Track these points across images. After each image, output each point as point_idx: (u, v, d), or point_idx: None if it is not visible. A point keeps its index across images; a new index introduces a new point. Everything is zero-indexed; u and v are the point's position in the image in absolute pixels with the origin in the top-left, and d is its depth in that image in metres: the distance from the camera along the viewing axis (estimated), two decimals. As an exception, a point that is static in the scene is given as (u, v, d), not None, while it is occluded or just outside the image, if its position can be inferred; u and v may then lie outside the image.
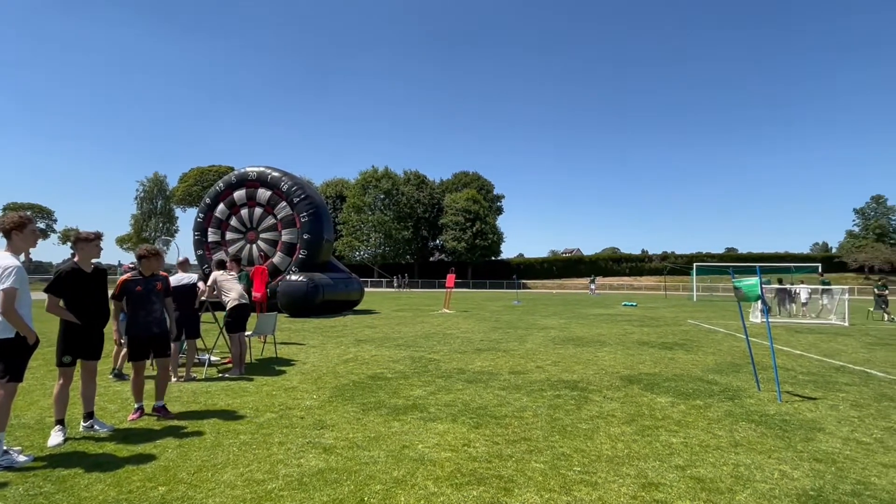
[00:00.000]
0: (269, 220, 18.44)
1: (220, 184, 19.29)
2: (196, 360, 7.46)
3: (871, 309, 20.26)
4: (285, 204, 18.08)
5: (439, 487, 3.25)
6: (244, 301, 7.19)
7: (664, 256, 68.35)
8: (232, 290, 7.15)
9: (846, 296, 17.03)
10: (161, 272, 5.30)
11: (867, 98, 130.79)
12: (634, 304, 27.31)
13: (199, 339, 7.35)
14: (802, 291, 19.01)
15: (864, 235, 65.50)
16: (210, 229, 19.09)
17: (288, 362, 7.93)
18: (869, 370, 7.73)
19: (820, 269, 26.72)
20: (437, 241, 69.93)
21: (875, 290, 19.77)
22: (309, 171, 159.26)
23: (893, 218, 66.12)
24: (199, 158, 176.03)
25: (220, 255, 18.10)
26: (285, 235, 18.03)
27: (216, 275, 7.26)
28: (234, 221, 18.89)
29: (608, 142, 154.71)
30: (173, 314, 6.45)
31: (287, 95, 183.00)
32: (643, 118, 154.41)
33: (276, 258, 17.91)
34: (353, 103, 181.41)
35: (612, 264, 70.13)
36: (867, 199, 68.65)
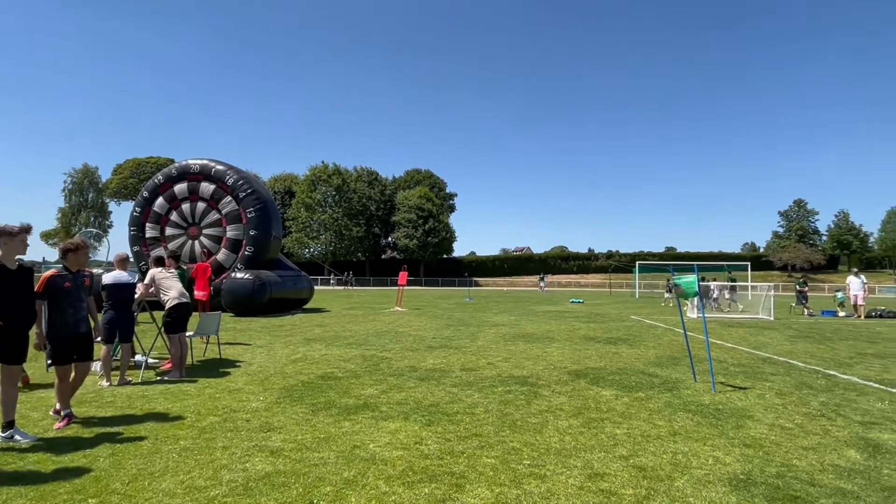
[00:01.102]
0: (213, 216, 17.67)
1: (160, 176, 18.30)
2: (132, 363, 7.04)
3: (794, 304, 21.87)
4: (231, 199, 17.38)
5: (391, 486, 3.22)
6: (184, 300, 6.84)
7: (609, 255, 71.08)
8: (171, 288, 6.79)
9: (771, 292, 18.32)
10: (88, 269, 4.97)
11: (791, 109, 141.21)
12: (581, 301, 28.22)
13: (137, 342, 6.95)
14: (714, 289, 20.95)
15: (788, 236, 70.74)
16: (148, 224, 18.07)
17: (233, 363, 7.63)
18: (791, 361, 8.35)
19: (727, 269, 28.91)
20: (390, 239, 69.48)
21: (797, 286, 21.36)
22: (256, 165, 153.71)
23: (813, 220, 71.79)
24: (134, 149, 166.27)
25: (158, 252, 17.16)
26: (230, 231, 17.34)
27: (154, 272, 6.85)
28: (174, 216, 17.96)
29: (558, 142, 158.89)
30: (106, 315, 6.09)
31: (233, 86, 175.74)
32: (591, 120, 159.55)
33: (221, 255, 17.19)
34: (303, 98, 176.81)
35: (560, 262, 72.20)
36: (790, 203, 74.26)
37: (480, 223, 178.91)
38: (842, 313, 19.10)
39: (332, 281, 56.18)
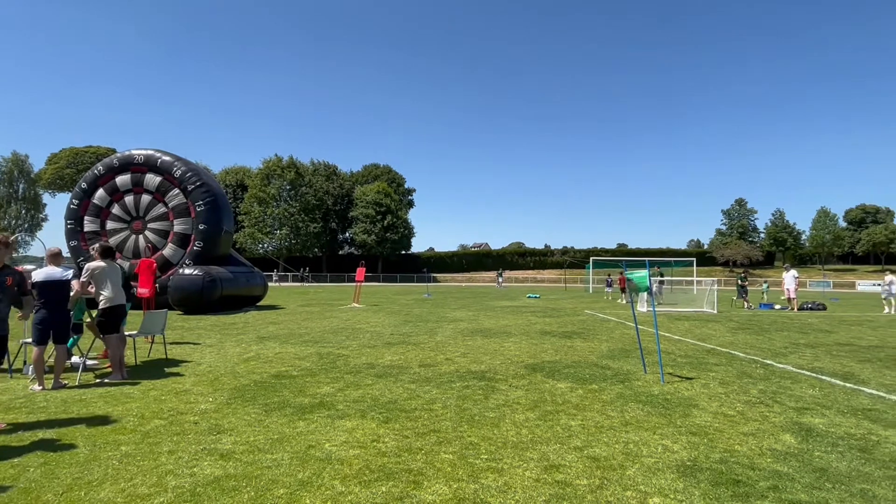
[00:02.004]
0: (159, 209, 16.83)
1: (100, 167, 17.24)
2: (68, 365, 6.60)
3: (735, 298, 23.12)
4: (178, 191, 16.60)
5: (347, 486, 3.16)
6: (120, 301, 6.45)
7: (565, 251, 72.84)
8: (107, 286, 6.37)
9: (715, 287, 19.29)
10: (20, 267, 4.62)
11: (733, 111, 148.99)
12: (538, 296, 28.78)
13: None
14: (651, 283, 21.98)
15: (730, 234, 74.67)
16: (87, 218, 17.01)
17: (180, 363, 7.29)
18: (733, 351, 8.80)
19: (656, 266, 30.54)
20: (347, 234, 68.44)
21: (738, 281, 22.60)
22: (205, 157, 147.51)
23: (752, 218, 76.05)
24: (71, 138, 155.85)
25: (102, 243, 16.21)
26: (178, 225, 16.57)
27: (91, 267, 6.40)
28: (116, 209, 16.99)
29: (514, 141, 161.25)
30: (38, 314, 5.66)
31: (181, 72, 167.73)
32: (548, 118, 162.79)
33: (167, 250, 16.41)
34: (256, 87, 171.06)
35: (517, 258, 73.37)
36: (732, 202, 78.36)
37: (439, 219, 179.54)
38: (777, 306, 20.34)
39: (289, 277, 54.82)
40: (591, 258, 42.89)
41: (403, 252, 66.23)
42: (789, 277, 19.71)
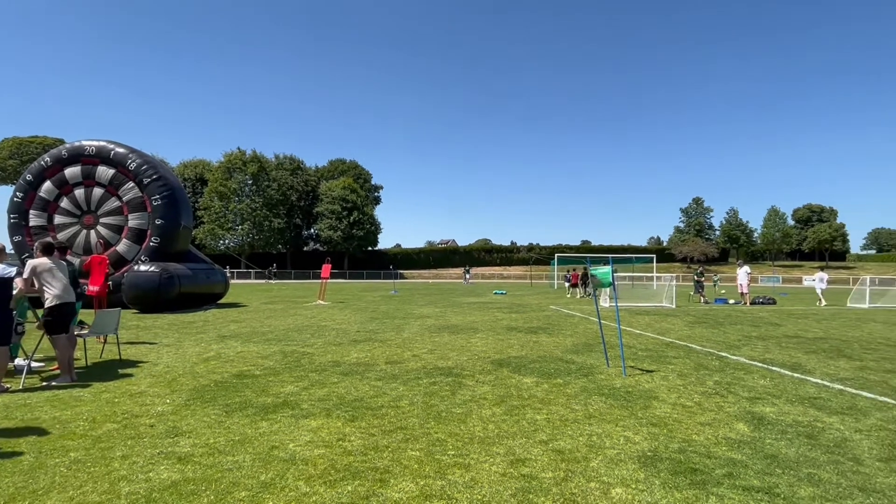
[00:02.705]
0: (113, 203, 16.08)
1: (47, 158, 16.32)
2: (11, 368, 6.22)
3: (692, 293, 23.97)
4: (133, 184, 15.90)
5: (311, 487, 3.10)
6: (68, 299, 6.11)
7: (530, 248, 73.80)
8: (54, 283, 6.02)
9: (673, 282, 19.96)
10: None
11: (691, 112, 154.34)
12: (504, 292, 29.07)
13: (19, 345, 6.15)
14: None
15: (687, 231, 77.39)
16: (32, 211, 16.10)
17: (134, 364, 6.99)
18: (690, 345, 9.13)
19: (589, 262, 31.58)
20: (312, 230, 67.27)
21: (695, 276, 23.44)
22: (162, 150, 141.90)
23: (709, 216, 79.02)
24: (14, 127, 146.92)
25: (46, 239, 15.37)
26: (133, 220, 15.88)
27: (35, 263, 6.01)
28: (65, 203, 16.13)
29: (481, 137, 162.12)
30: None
31: (135, 60, 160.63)
32: (513, 116, 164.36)
33: (121, 246, 15.71)
34: (218, 78, 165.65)
35: (484, 255, 73.89)
36: (690, 201, 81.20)
37: (406, 216, 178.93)
38: (731, 300, 21.23)
39: (252, 275, 53.42)
40: (556, 255, 43.64)
41: (370, 248, 65.62)
42: (742, 273, 20.63)
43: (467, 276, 47.12)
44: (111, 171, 15.95)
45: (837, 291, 34.04)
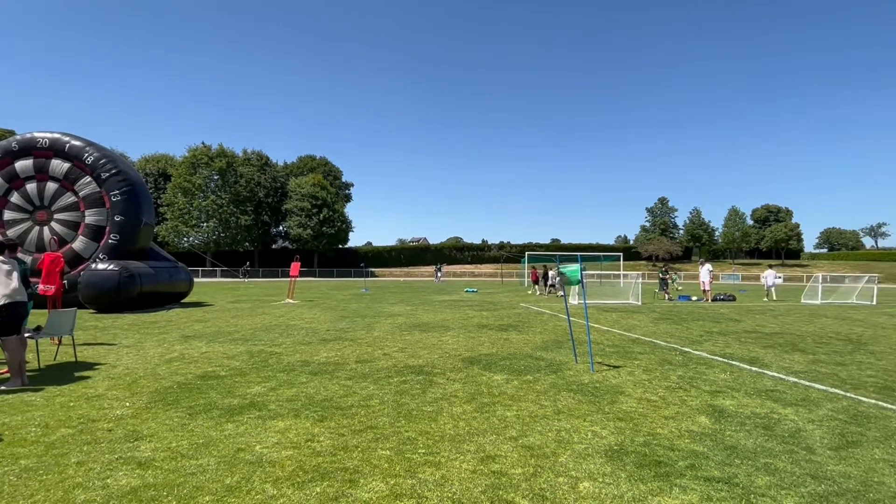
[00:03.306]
0: (68, 198, 15.38)
1: (-6, 150, 15.46)
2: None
3: (657, 290, 24.64)
4: (90, 179, 15.25)
5: (279, 489, 3.04)
6: (18, 298, 5.80)
7: (501, 246, 74.37)
8: (4, 282, 5.70)
9: (640, 280, 20.47)
10: None
11: (658, 113, 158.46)
12: (475, 290, 29.21)
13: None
14: (551, 276, 24.04)
15: (653, 230, 79.47)
16: (-21, 207, 15.22)
17: (91, 366, 6.71)
18: (655, 340, 9.38)
19: (558, 260, 32.33)
20: (281, 228, 65.99)
21: (659, 274, 24.10)
22: (122, 143, 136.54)
23: (673, 216, 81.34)
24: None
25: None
26: (90, 217, 15.23)
27: None
28: (15, 198, 15.34)
29: (453, 136, 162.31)
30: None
31: (92, 50, 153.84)
32: (486, 115, 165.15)
33: (78, 243, 15.05)
34: (181, 72, 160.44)
35: (456, 253, 74.05)
36: (655, 201, 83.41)
37: (378, 213, 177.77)
38: (694, 297, 21.93)
39: (218, 273, 52.02)
40: (527, 253, 44.09)
41: (340, 246, 64.86)
42: (704, 271, 21.35)
43: (439, 274, 47.15)
44: (66, 165, 15.25)
45: (792, 288, 35.61)
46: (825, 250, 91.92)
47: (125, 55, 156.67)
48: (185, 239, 55.77)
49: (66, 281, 11.12)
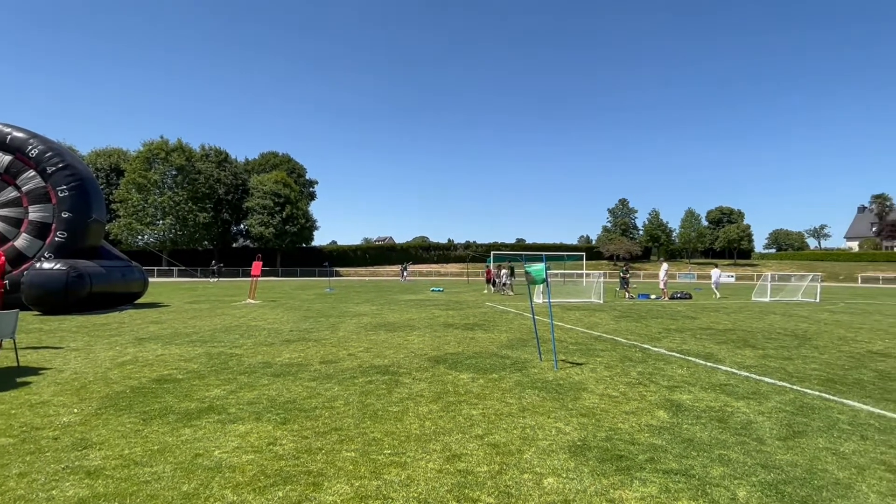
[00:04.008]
0: (10, 193, 14.50)
1: (-74, 141, 14.39)
2: None
3: (618, 289, 25.29)
4: (34, 173, 14.42)
5: (239, 495, 2.94)
6: None
7: (467, 245, 74.72)
8: None
9: (601, 279, 20.97)
10: None
11: (619, 116, 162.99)
12: (441, 289, 29.23)
13: None
14: (504, 275, 24.92)
15: (614, 230, 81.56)
16: None
17: (36, 371, 6.33)
18: (616, 338, 9.63)
19: (524, 260, 33.12)
20: (242, 226, 64.16)
21: (620, 273, 24.76)
22: (71, 136, 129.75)
23: (633, 217, 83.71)
24: None
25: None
26: (34, 213, 14.39)
27: None
28: (-51, 192, 14.31)
29: (418, 135, 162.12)
30: None
31: (39, 39, 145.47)
32: (451, 114, 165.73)
33: (21, 241, 14.19)
34: (136, 64, 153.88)
35: (422, 252, 73.86)
36: (616, 202, 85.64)
37: (343, 212, 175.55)
38: (653, 296, 22.65)
39: (174, 272, 50.07)
40: (492, 252, 44.43)
41: (304, 245, 63.60)
42: (662, 271, 22.14)
43: (405, 273, 46.95)
44: (7, 158, 14.36)
45: (744, 287, 37.25)
46: (774, 250, 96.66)
47: (64, 40, 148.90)
48: (140, 237, 53.45)
49: (7, 281, 10.47)
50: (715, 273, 25.87)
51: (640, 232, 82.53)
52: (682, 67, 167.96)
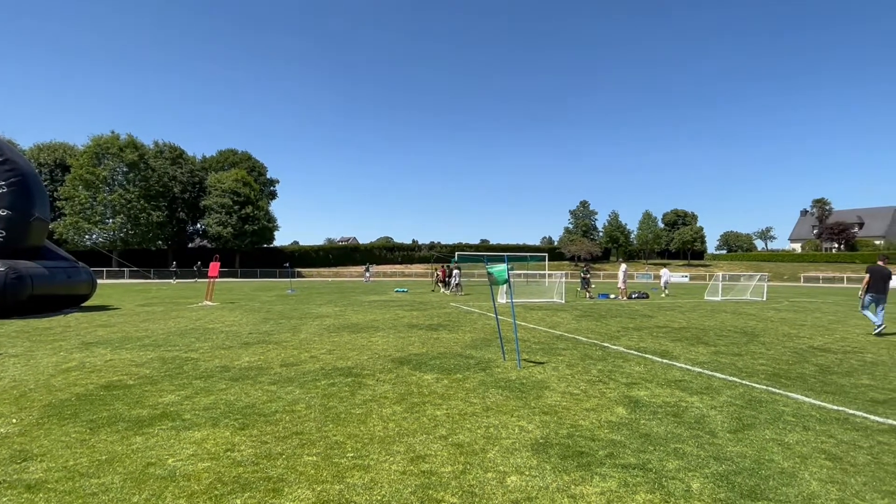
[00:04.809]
0: (-60, 189, 13.46)
1: None
2: None
3: (579, 289, 25.86)
4: (-31, 168, 13.44)
5: (194, 503, 2.83)
6: None
7: (431, 246, 74.71)
8: None
9: (563, 279, 21.40)
10: None
11: (581, 118, 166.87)
12: (406, 290, 29.12)
13: None
14: (456, 275, 25.42)
15: (575, 231, 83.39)
16: None
17: (-30, 379, 5.91)
18: (577, 336, 9.84)
19: (487, 261, 33.68)
20: (199, 226, 61.93)
21: (581, 273, 25.33)
22: (11, 129, 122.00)
23: (594, 219, 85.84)
24: None
25: None
26: (-31, 210, 13.42)
27: None
28: None
29: (384, 133, 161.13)
30: None
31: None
32: (416, 113, 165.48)
33: (-47, 241, 13.20)
34: (83, 55, 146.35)
35: (386, 253, 73.39)
36: (578, 203, 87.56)
37: (305, 212, 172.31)
38: (612, 296, 23.29)
39: (126, 273, 47.80)
40: (457, 253, 44.65)
41: (265, 245, 62.00)
42: (621, 271, 22.83)
43: (367, 274, 46.53)
44: (-62, 151, 13.34)
45: (698, 287, 38.79)
46: (725, 251, 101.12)
47: (5, 29, 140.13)
48: (88, 236, 50.76)
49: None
50: (664, 273, 28.55)
51: (601, 233, 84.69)
52: (644, 70, 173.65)
